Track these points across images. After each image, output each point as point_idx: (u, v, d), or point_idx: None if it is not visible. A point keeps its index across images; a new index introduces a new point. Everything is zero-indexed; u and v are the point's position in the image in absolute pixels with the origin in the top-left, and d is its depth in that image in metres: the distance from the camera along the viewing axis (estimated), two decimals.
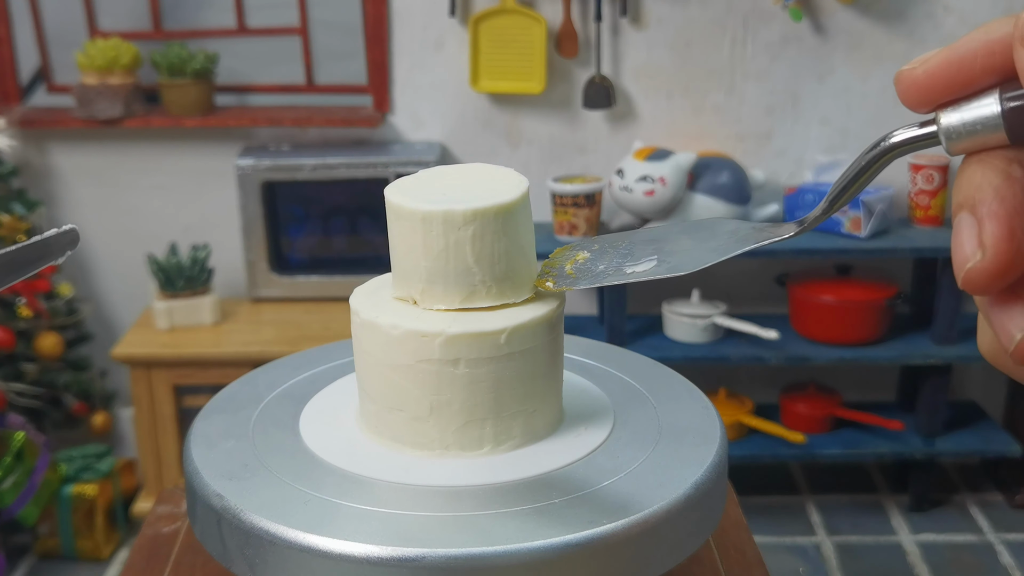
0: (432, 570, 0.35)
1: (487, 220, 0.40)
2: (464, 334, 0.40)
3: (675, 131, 2.08)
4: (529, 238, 0.42)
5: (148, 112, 2.07)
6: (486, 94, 2.06)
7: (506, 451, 0.42)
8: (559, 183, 1.95)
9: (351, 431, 0.44)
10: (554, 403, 0.43)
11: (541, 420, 0.42)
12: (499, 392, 0.40)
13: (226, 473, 0.40)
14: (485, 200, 0.40)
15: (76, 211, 2.19)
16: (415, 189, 0.42)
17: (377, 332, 0.41)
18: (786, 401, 2.09)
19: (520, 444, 0.42)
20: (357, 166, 1.99)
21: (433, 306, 0.41)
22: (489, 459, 0.41)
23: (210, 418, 0.45)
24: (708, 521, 0.41)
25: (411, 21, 2.04)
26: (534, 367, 0.41)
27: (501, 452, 0.41)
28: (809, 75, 2.04)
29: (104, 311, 2.25)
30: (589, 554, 0.36)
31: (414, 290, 0.41)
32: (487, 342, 0.40)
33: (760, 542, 0.50)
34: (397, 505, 0.38)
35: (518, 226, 0.41)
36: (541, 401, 0.42)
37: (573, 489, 0.39)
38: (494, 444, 0.41)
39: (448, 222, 0.40)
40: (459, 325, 0.40)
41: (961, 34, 1.72)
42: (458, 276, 0.40)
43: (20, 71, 2.13)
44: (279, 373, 0.50)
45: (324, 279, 2.07)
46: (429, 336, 0.40)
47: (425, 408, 0.41)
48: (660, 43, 2.04)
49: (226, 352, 1.90)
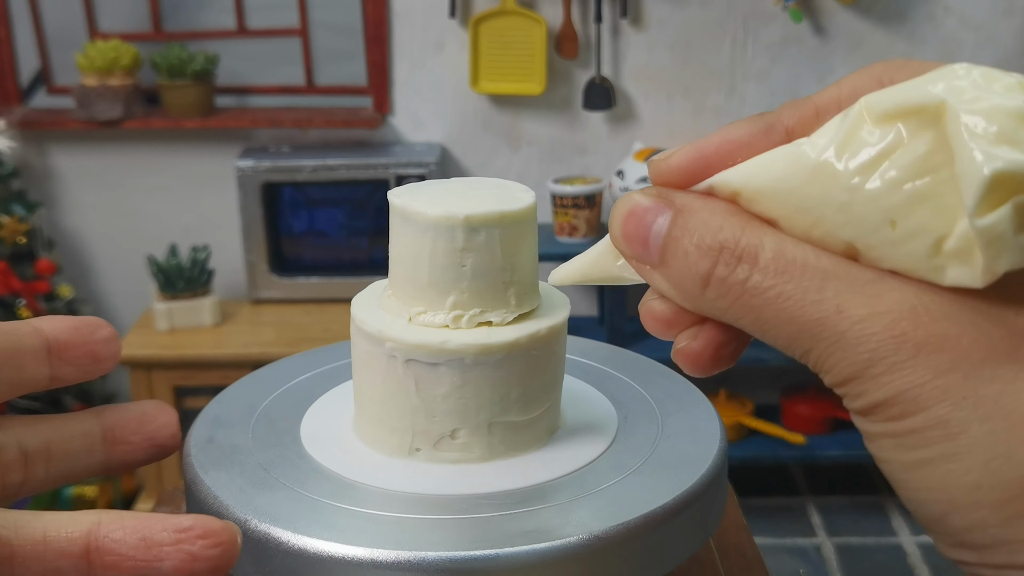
0: (432, 571, 0.35)
1: (493, 228, 0.39)
2: (464, 344, 0.39)
3: (675, 132, 2.08)
4: (534, 250, 0.42)
5: (148, 113, 2.07)
6: (486, 95, 2.06)
7: (505, 457, 0.42)
8: (559, 184, 1.95)
9: (351, 435, 0.44)
10: (554, 408, 0.43)
11: (542, 426, 0.42)
12: (500, 400, 0.40)
13: (226, 475, 0.40)
14: (492, 208, 0.40)
15: (76, 213, 2.19)
16: (420, 194, 0.41)
17: (373, 339, 0.41)
18: (787, 402, 2.09)
19: (520, 450, 0.42)
20: (357, 167, 1.99)
21: (433, 313, 0.41)
22: (489, 465, 0.41)
23: (210, 420, 0.45)
24: (708, 522, 0.41)
25: (411, 22, 2.04)
26: (536, 375, 0.41)
27: (501, 458, 0.41)
28: (809, 76, 2.04)
29: (104, 312, 2.25)
30: (589, 555, 0.36)
31: (413, 297, 0.41)
32: (488, 352, 0.40)
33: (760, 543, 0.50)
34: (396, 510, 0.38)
35: (524, 237, 0.40)
36: (542, 408, 0.42)
37: (573, 491, 0.39)
38: (494, 450, 0.41)
39: (453, 228, 0.39)
40: (459, 334, 0.40)
41: (961, 35, 1.71)
42: (460, 284, 0.40)
43: (20, 72, 2.13)
44: (279, 375, 0.49)
45: (324, 280, 2.07)
46: (427, 345, 0.40)
47: (425, 416, 0.41)
48: (660, 44, 2.04)
49: (226, 354, 1.90)
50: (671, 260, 0.28)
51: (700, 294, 0.27)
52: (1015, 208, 0.23)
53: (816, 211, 0.26)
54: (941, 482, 0.24)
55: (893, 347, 0.24)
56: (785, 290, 0.26)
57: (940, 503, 0.24)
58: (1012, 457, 0.23)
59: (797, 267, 0.26)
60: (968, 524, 0.24)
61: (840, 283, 0.25)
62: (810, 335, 0.26)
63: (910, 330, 0.24)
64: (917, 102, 0.25)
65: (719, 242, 0.27)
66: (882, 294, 0.25)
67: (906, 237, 0.25)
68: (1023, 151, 0.23)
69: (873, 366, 0.25)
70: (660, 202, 0.28)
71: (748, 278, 0.26)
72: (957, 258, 0.24)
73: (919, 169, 0.25)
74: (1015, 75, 0.25)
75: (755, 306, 0.26)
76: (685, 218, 0.28)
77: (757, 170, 0.27)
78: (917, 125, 0.25)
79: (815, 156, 0.26)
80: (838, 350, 0.25)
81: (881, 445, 0.25)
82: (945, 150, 0.24)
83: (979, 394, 0.24)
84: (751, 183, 0.27)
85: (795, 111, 0.29)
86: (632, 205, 0.29)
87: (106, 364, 0.36)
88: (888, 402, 0.25)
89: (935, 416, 0.24)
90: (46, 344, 0.35)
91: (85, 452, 0.37)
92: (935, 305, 0.25)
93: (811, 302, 0.25)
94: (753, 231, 0.27)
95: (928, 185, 0.25)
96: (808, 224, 0.26)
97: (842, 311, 0.25)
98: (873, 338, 0.24)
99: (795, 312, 0.26)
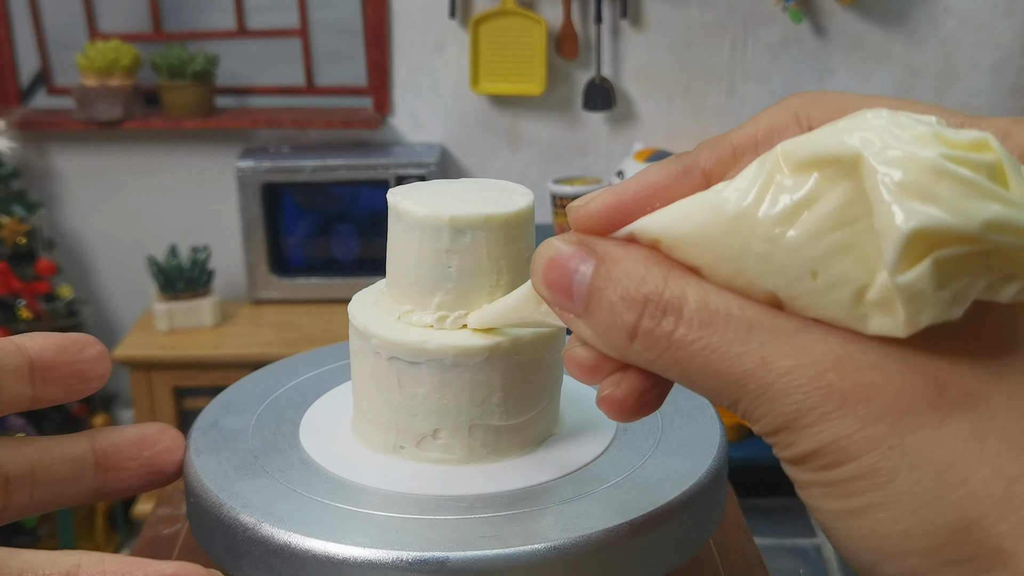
0: (432, 572, 0.35)
1: (479, 231, 0.39)
2: (443, 345, 0.39)
3: (675, 133, 2.08)
4: (527, 255, 0.42)
5: (148, 114, 2.07)
6: (486, 96, 2.06)
7: (505, 458, 0.42)
8: (559, 185, 1.95)
9: (350, 435, 0.44)
10: (546, 415, 0.43)
11: (528, 432, 0.42)
12: (480, 403, 0.40)
13: (226, 475, 0.40)
14: (491, 208, 0.40)
15: (76, 213, 2.19)
16: (419, 195, 0.41)
17: (362, 335, 0.41)
18: None
19: (504, 455, 0.42)
20: (357, 168, 1.99)
21: (420, 313, 0.41)
22: (488, 466, 0.41)
23: (210, 420, 0.45)
24: (708, 523, 0.41)
25: (411, 23, 2.04)
26: (520, 381, 0.41)
27: (500, 460, 0.41)
28: (809, 77, 2.04)
29: (104, 313, 2.25)
30: (589, 555, 0.36)
31: (403, 295, 0.41)
32: (467, 354, 0.39)
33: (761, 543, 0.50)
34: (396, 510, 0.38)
35: (514, 241, 0.40)
36: (528, 414, 0.41)
37: (573, 492, 0.39)
38: (475, 453, 0.41)
39: (439, 228, 0.39)
40: (441, 335, 0.40)
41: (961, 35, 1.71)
42: (445, 285, 0.40)
43: (20, 73, 2.13)
44: (279, 375, 0.49)
45: (324, 281, 2.07)
46: (407, 344, 0.40)
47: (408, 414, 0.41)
48: (660, 45, 2.04)
49: (226, 354, 1.90)
50: (596, 311, 0.28)
51: (627, 346, 0.27)
52: (935, 264, 0.23)
53: (737, 261, 0.26)
54: (871, 531, 0.24)
55: (820, 398, 0.24)
56: (710, 343, 0.26)
57: (871, 552, 0.24)
58: (940, 504, 0.23)
59: (721, 318, 0.26)
60: (899, 573, 0.24)
61: (765, 334, 0.25)
62: (737, 387, 0.25)
63: (836, 380, 0.24)
64: (833, 152, 0.24)
65: (643, 294, 0.26)
66: (807, 345, 0.25)
67: (828, 287, 0.25)
68: (940, 206, 0.23)
69: (802, 417, 0.24)
70: (582, 250, 0.28)
71: (674, 331, 0.26)
72: (880, 308, 0.24)
73: (838, 220, 0.25)
74: (928, 122, 0.24)
75: (681, 359, 0.26)
76: (608, 268, 0.27)
77: (676, 219, 0.27)
78: (834, 174, 0.25)
79: (734, 205, 0.26)
80: (765, 402, 0.25)
81: (812, 494, 0.25)
82: (863, 201, 0.24)
83: (906, 443, 0.24)
84: (670, 232, 0.27)
85: (712, 151, 0.29)
86: (553, 253, 0.28)
87: (93, 384, 0.35)
88: (818, 452, 0.25)
89: (864, 466, 0.24)
90: (29, 363, 0.33)
91: (74, 478, 0.35)
92: (860, 354, 0.24)
93: (736, 355, 0.25)
94: (676, 281, 0.26)
95: (848, 236, 0.24)
96: (730, 273, 0.26)
97: (768, 363, 0.25)
98: (799, 390, 0.24)
99: (720, 365, 0.25)
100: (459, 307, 0.40)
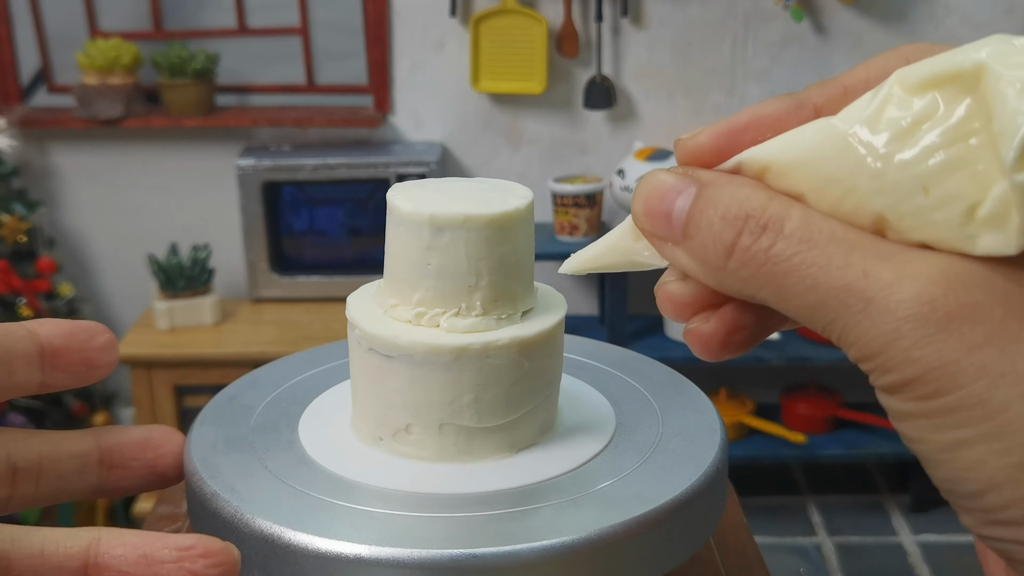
0: (432, 571, 0.35)
1: (458, 230, 0.39)
2: (414, 342, 0.40)
3: (676, 131, 2.08)
4: (530, 252, 0.42)
5: (148, 112, 2.07)
6: (487, 94, 2.06)
7: (504, 457, 0.42)
8: (560, 183, 1.95)
9: (349, 434, 0.44)
10: (552, 408, 0.43)
11: (539, 426, 0.42)
12: (450, 403, 0.40)
13: (226, 474, 0.40)
14: (473, 209, 0.40)
15: (76, 211, 2.19)
16: (415, 192, 0.41)
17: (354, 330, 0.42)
18: (787, 401, 2.09)
19: (518, 450, 0.42)
20: (358, 166, 1.99)
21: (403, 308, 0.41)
22: (486, 465, 0.41)
23: (210, 418, 0.45)
24: (709, 522, 0.41)
25: (412, 21, 2.04)
26: (492, 384, 0.41)
27: (499, 459, 0.41)
28: (810, 75, 2.04)
29: (104, 311, 2.25)
30: (589, 554, 0.36)
31: (390, 290, 0.41)
32: (435, 353, 0.40)
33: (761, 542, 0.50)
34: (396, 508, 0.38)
35: (499, 243, 0.40)
36: (504, 419, 0.41)
37: (572, 490, 0.39)
38: (446, 453, 0.41)
39: (420, 226, 0.40)
40: (413, 331, 0.40)
41: (961, 34, 1.71)
42: (425, 282, 0.40)
43: (21, 71, 2.13)
44: (279, 373, 0.50)
45: (324, 279, 2.07)
46: (381, 337, 0.40)
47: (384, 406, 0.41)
48: (661, 43, 2.04)
49: (227, 352, 1.90)
50: (695, 232, 0.27)
51: (723, 265, 0.27)
52: None
53: (847, 181, 0.26)
54: (979, 462, 0.23)
55: (923, 316, 0.23)
56: (810, 256, 0.25)
57: (978, 482, 0.24)
58: None
59: (824, 236, 0.25)
60: (1007, 502, 0.23)
61: (867, 252, 0.25)
62: (835, 302, 0.25)
63: (940, 296, 0.24)
64: (955, 68, 0.25)
65: (745, 211, 0.26)
66: (911, 260, 0.24)
67: (939, 203, 0.25)
68: None
69: (902, 338, 0.24)
70: (685, 179, 0.28)
71: (772, 245, 0.26)
72: (990, 224, 0.24)
73: (954, 135, 0.25)
74: None
75: (778, 273, 0.26)
76: (711, 191, 0.27)
77: (788, 144, 0.27)
78: (954, 92, 0.25)
79: (847, 128, 0.26)
80: (865, 318, 0.24)
81: (914, 425, 0.24)
82: (981, 116, 0.24)
83: (1018, 370, 0.23)
84: (782, 157, 0.27)
85: (823, 90, 0.29)
86: (655, 183, 0.28)
87: (101, 371, 0.35)
88: (920, 379, 0.24)
89: (973, 395, 0.23)
90: (39, 348, 0.34)
91: (78, 473, 0.36)
92: (966, 273, 0.24)
93: (837, 267, 0.25)
94: (780, 202, 0.26)
95: (963, 151, 0.24)
96: (837, 196, 0.26)
97: (869, 275, 0.24)
98: (901, 306, 0.24)
99: (820, 278, 0.25)
100: (437, 305, 0.40)
